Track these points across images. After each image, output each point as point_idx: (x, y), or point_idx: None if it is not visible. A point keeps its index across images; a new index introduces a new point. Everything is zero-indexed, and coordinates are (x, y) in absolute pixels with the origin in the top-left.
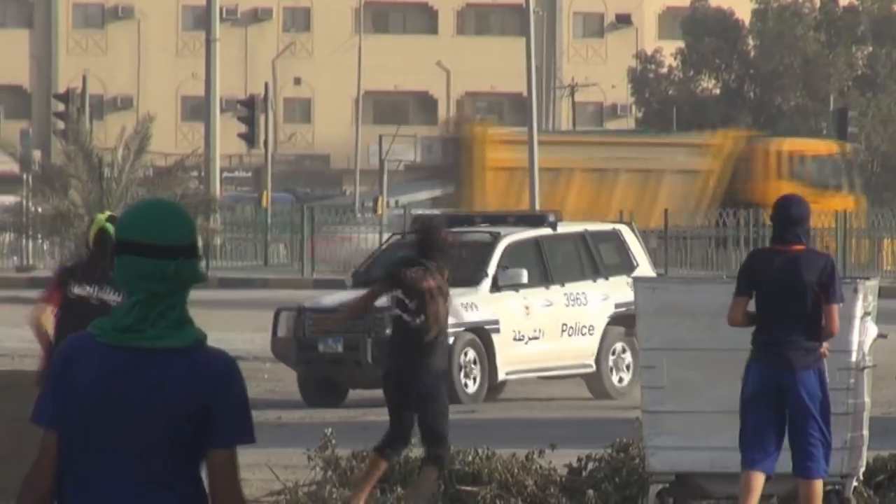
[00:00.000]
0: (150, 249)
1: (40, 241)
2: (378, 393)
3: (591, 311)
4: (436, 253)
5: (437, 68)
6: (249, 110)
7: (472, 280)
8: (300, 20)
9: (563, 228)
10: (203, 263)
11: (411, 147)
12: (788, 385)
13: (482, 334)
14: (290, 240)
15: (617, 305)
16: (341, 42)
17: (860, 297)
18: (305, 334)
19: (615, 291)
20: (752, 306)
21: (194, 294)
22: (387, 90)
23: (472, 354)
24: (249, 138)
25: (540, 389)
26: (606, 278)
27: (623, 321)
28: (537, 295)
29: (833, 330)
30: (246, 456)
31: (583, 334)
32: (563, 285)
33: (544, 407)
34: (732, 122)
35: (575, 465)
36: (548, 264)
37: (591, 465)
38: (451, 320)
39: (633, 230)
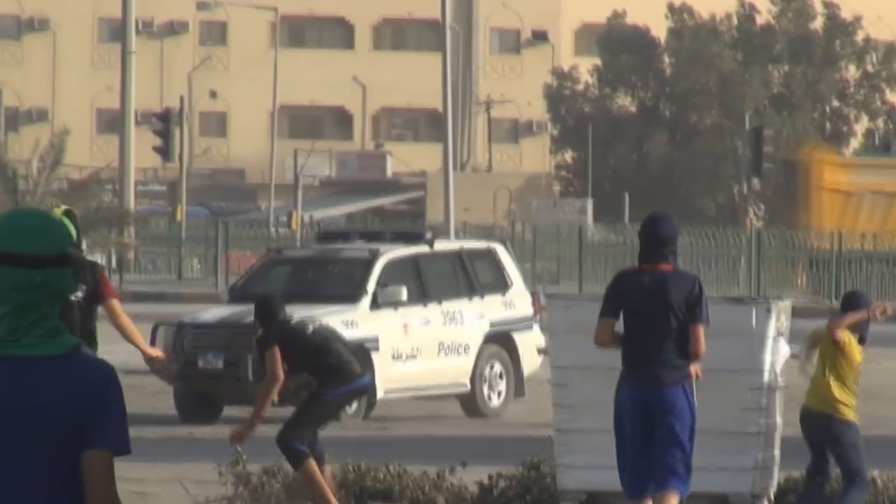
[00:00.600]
0: (16, 259)
1: None
2: (287, 411)
3: (468, 330)
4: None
5: (354, 83)
6: (165, 123)
7: (351, 297)
8: (216, 33)
9: (439, 246)
10: (71, 274)
11: (326, 162)
12: (657, 402)
13: (361, 352)
14: (205, 254)
15: (492, 324)
16: (257, 56)
17: (773, 317)
18: (185, 350)
19: (490, 310)
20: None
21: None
22: (303, 104)
23: None
24: (165, 152)
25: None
26: (482, 297)
27: (498, 339)
28: (415, 313)
29: (698, 351)
30: (157, 471)
31: (459, 353)
32: (440, 303)
33: (456, 424)
34: (648, 140)
35: (486, 482)
36: (425, 282)
37: (502, 483)
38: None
39: (507, 249)
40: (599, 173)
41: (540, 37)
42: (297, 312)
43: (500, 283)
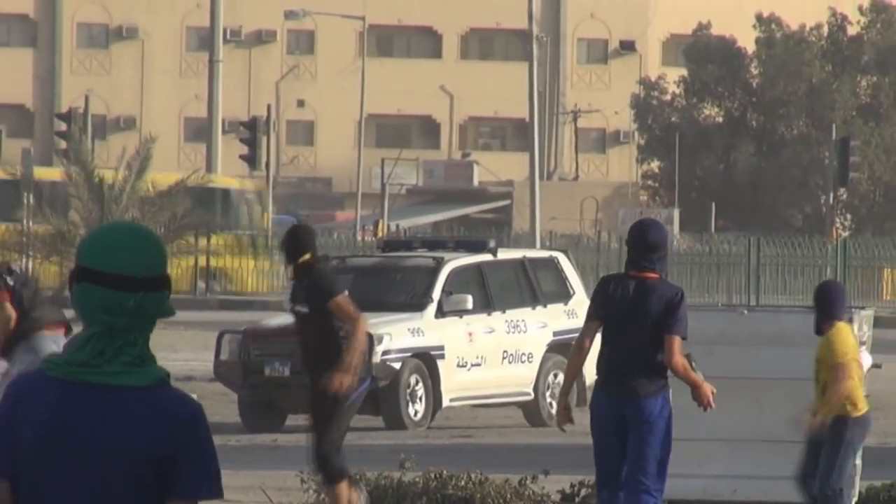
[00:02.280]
0: (110, 279)
1: (40, 260)
2: (368, 419)
3: (531, 339)
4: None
5: (441, 92)
6: (252, 132)
7: (417, 305)
8: (304, 43)
9: (502, 255)
10: (169, 296)
11: (413, 171)
12: (632, 414)
13: (427, 360)
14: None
15: (555, 333)
16: (345, 65)
17: (855, 326)
18: (251, 357)
19: (553, 319)
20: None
21: (192, 315)
22: (390, 114)
23: (417, 380)
24: (251, 160)
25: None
26: (545, 306)
27: (560, 349)
28: (479, 321)
29: (671, 362)
30: (239, 478)
31: (522, 362)
32: (503, 312)
33: (539, 433)
34: (735, 149)
35: (568, 491)
36: (489, 290)
37: (584, 492)
38: (399, 344)
39: (569, 258)
40: (686, 183)
41: (627, 47)
42: (368, 320)
43: (562, 292)
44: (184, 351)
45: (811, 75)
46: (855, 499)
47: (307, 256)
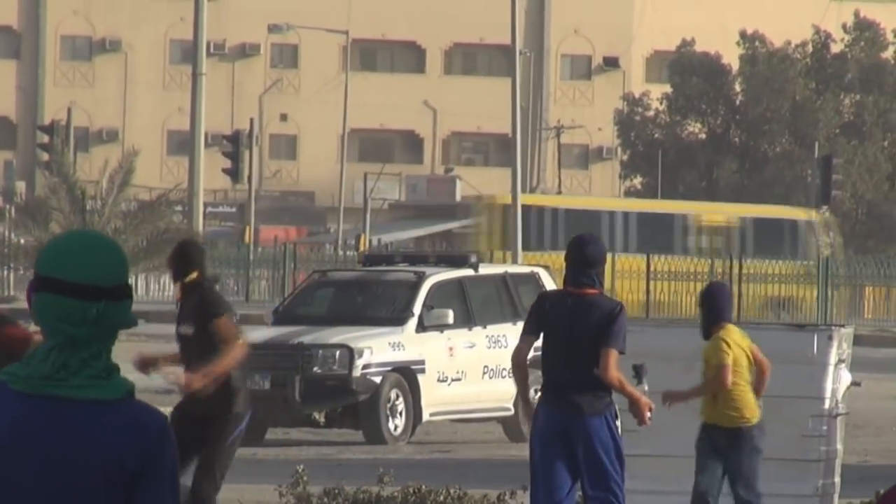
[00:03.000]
0: (71, 288)
1: (21, 272)
2: (348, 433)
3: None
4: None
5: (424, 107)
6: (234, 145)
7: (397, 319)
8: (288, 56)
9: (484, 270)
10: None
11: (396, 185)
12: (578, 431)
13: (408, 374)
14: (272, 276)
15: (535, 349)
16: (328, 79)
17: (835, 344)
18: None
19: None
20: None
21: (172, 328)
22: (373, 128)
23: (397, 395)
24: (234, 173)
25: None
26: None
27: (540, 365)
28: (460, 336)
29: (606, 376)
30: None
31: (503, 377)
32: (484, 327)
33: (518, 448)
34: (717, 166)
35: None
36: (470, 305)
37: None
38: (379, 358)
39: (550, 273)
40: (668, 199)
41: (611, 63)
42: (343, 334)
43: None
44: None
45: (794, 93)
46: None
47: (194, 275)
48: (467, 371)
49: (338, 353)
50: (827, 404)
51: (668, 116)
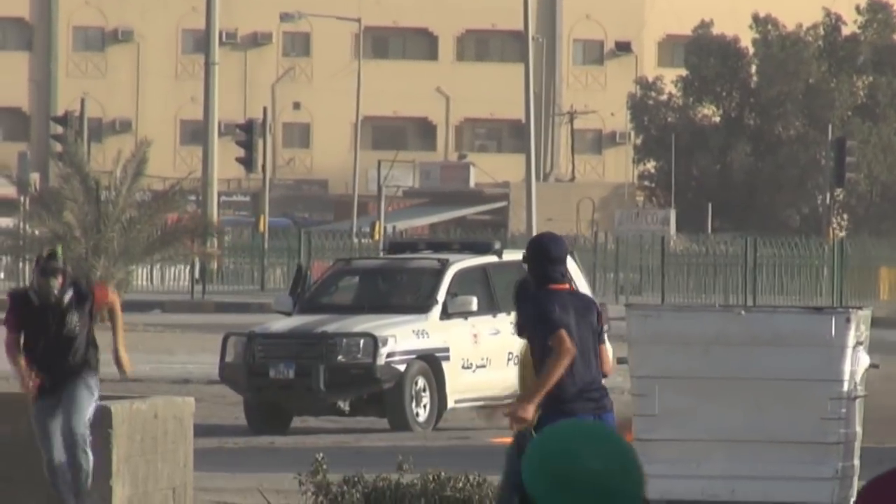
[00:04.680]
0: None
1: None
2: (374, 421)
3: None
4: None
5: (437, 94)
6: (248, 134)
7: (421, 307)
8: (300, 45)
9: (508, 256)
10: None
11: (409, 173)
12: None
13: (432, 362)
14: (287, 264)
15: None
16: (341, 67)
17: (853, 326)
18: (255, 360)
19: None
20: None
21: (189, 318)
22: (386, 115)
23: (422, 382)
24: (247, 162)
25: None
26: None
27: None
28: (484, 323)
29: (610, 370)
30: (237, 480)
31: None
32: (509, 313)
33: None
34: (731, 150)
35: None
36: (494, 292)
37: None
38: (404, 346)
39: (574, 259)
40: (682, 183)
41: (623, 48)
42: (367, 322)
43: None
44: (180, 354)
45: (808, 75)
46: (853, 499)
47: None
48: (492, 358)
49: (362, 341)
50: (846, 387)
51: (682, 99)
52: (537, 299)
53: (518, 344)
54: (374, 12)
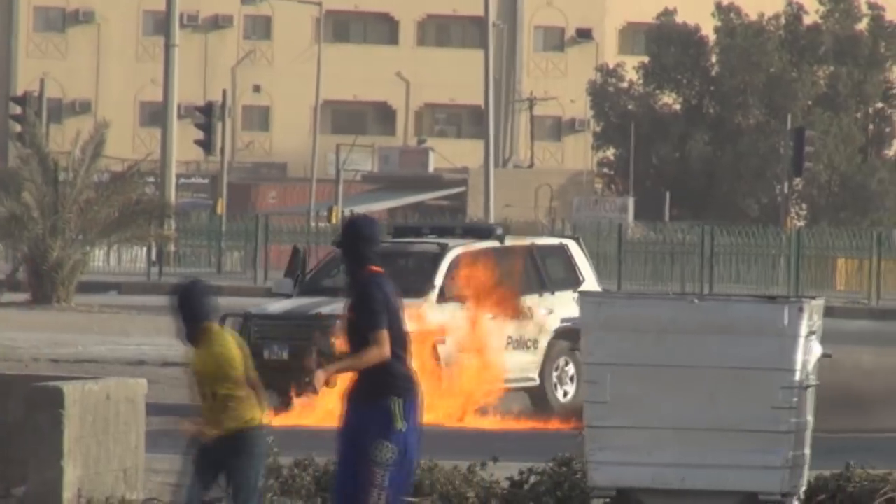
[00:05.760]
0: None
1: None
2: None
3: (537, 325)
4: None
5: (397, 79)
6: (207, 117)
7: (419, 291)
8: (261, 28)
9: (510, 241)
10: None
11: (368, 157)
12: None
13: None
14: (245, 247)
15: (562, 320)
16: (301, 51)
17: (805, 316)
18: (251, 341)
19: (561, 306)
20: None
21: (145, 300)
22: (346, 100)
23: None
24: (206, 145)
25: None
26: (552, 292)
27: (568, 335)
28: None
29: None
30: (177, 462)
31: (527, 348)
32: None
33: (488, 420)
34: (691, 138)
35: (517, 478)
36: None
37: (532, 479)
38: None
39: (580, 245)
40: (641, 171)
41: (584, 35)
42: None
43: (571, 280)
44: (136, 335)
45: (770, 65)
46: (804, 488)
47: None
48: (490, 342)
49: None
50: (797, 376)
51: (643, 87)
52: (366, 285)
53: (517, 328)
54: None
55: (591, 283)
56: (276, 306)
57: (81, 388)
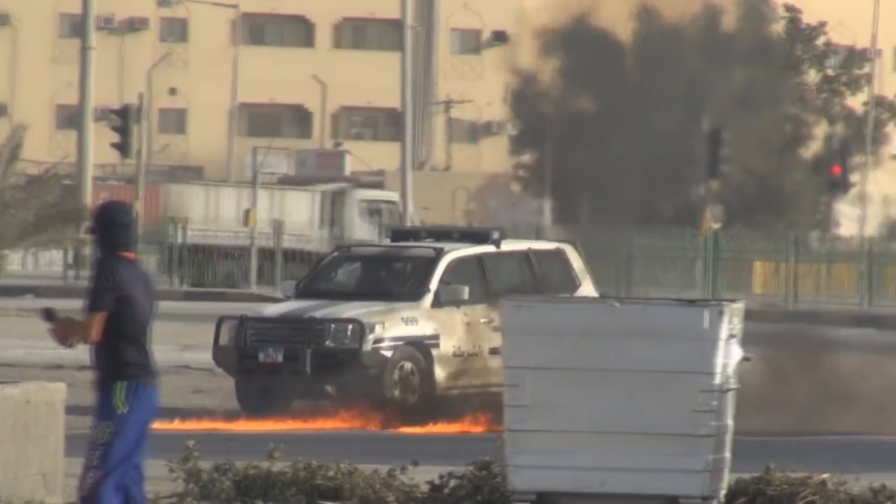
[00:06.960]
0: None
1: None
2: (233, 408)
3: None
4: None
5: (313, 81)
6: (123, 120)
7: (414, 294)
8: (177, 30)
9: (506, 246)
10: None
11: (285, 160)
12: (157, 404)
13: (422, 348)
14: (160, 251)
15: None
16: (218, 53)
17: (725, 319)
18: (246, 343)
19: None
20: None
21: (62, 303)
22: (262, 102)
23: (409, 368)
24: (123, 148)
25: None
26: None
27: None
28: (478, 312)
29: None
30: None
31: None
32: None
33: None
34: (608, 140)
35: (437, 482)
36: (490, 281)
37: (452, 483)
38: (391, 333)
39: (577, 250)
40: (558, 174)
41: (500, 37)
42: (357, 309)
43: (567, 284)
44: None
45: (684, 68)
46: (724, 491)
47: None
48: (485, 346)
49: (349, 327)
50: (718, 379)
51: (560, 90)
52: (103, 266)
53: None
54: None
55: (587, 287)
56: (273, 309)
57: (1, 393)
